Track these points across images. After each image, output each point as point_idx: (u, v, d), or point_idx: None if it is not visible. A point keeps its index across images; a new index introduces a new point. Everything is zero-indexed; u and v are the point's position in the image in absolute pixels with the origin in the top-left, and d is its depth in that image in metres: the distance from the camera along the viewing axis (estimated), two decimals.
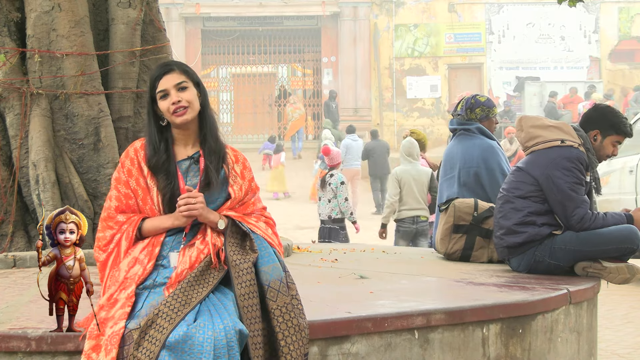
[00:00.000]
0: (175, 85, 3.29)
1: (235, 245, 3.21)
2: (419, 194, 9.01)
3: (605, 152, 5.07)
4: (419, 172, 9.04)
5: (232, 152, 3.43)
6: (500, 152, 5.93)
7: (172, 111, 3.28)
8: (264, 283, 3.13)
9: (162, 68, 3.34)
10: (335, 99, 26.79)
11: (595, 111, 5.15)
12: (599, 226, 4.83)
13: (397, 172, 9.18)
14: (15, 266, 5.04)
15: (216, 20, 29.18)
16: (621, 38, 29.48)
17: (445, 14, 29.07)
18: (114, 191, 3.32)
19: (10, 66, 5.55)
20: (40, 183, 5.32)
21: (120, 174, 3.32)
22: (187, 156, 3.35)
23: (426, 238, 9.05)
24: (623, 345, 6.45)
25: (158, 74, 3.32)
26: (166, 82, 3.30)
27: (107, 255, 3.24)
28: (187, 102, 3.28)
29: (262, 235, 3.27)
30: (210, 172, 3.29)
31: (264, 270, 3.16)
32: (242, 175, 3.38)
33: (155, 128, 3.33)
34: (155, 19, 5.93)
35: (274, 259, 3.21)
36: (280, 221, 14.39)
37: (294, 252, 6.06)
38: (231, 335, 2.91)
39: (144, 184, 3.28)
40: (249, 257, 3.17)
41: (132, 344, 2.89)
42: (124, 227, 3.25)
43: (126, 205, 3.28)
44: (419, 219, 9.07)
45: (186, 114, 3.28)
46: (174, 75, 3.31)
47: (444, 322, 3.68)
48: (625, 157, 10.08)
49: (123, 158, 3.35)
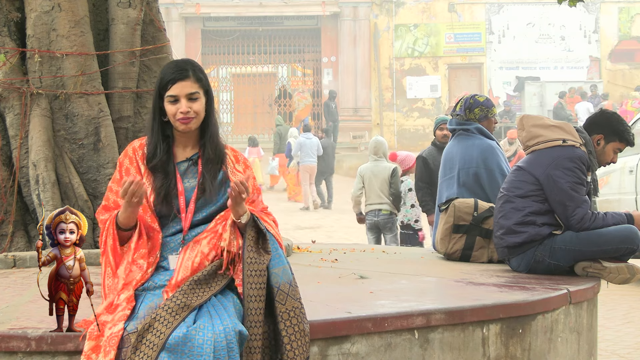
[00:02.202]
0: (188, 94, 3.25)
1: (253, 244, 3.15)
2: (380, 189, 9.60)
3: (606, 158, 5.08)
4: (380, 169, 9.68)
5: (232, 153, 3.41)
6: (500, 152, 5.92)
7: (178, 118, 3.25)
8: (273, 285, 3.09)
9: (179, 73, 3.26)
10: (335, 99, 26.79)
11: (601, 116, 5.15)
12: (599, 226, 4.83)
13: (360, 169, 9.97)
14: (15, 266, 5.04)
15: (216, 20, 29.18)
16: (621, 38, 29.49)
17: (445, 14, 29.08)
18: (107, 192, 3.32)
19: (10, 66, 5.55)
20: (40, 183, 5.32)
21: (116, 174, 3.32)
22: (186, 158, 3.33)
23: (391, 232, 9.64)
24: (623, 345, 6.45)
25: (172, 78, 3.25)
26: (179, 89, 3.24)
27: (101, 254, 3.24)
28: (195, 112, 3.25)
29: (275, 235, 3.23)
30: (206, 182, 3.26)
31: (275, 272, 3.12)
32: (243, 174, 3.35)
33: (159, 126, 3.30)
34: (155, 19, 5.93)
35: (284, 261, 3.17)
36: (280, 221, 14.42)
37: (294, 252, 6.05)
38: (231, 337, 2.91)
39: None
40: (263, 259, 3.12)
41: (129, 347, 2.89)
42: (107, 224, 3.23)
43: (114, 203, 3.27)
44: (381, 213, 9.64)
45: (191, 123, 3.26)
46: (187, 83, 3.25)
47: (444, 322, 3.68)
48: (625, 157, 10.08)
49: (122, 157, 3.34)
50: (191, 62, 3.35)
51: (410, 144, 28.30)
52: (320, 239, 12.92)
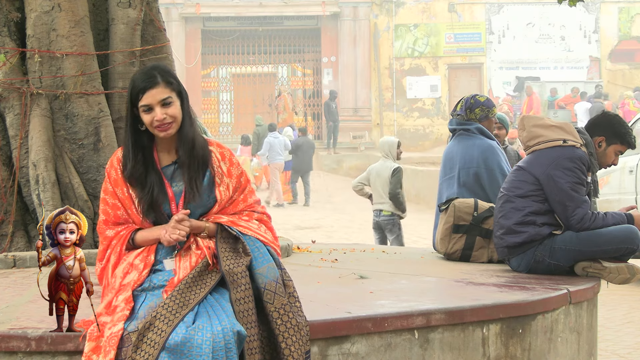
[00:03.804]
0: (160, 101, 3.19)
1: (228, 251, 3.17)
2: (381, 188, 9.50)
3: (607, 160, 5.08)
4: (383, 168, 9.56)
5: (218, 149, 3.34)
6: (500, 152, 5.92)
7: (155, 126, 3.19)
8: (259, 286, 3.10)
9: (146, 81, 3.19)
10: (335, 99, 26.79)
11: (603, 118, 5.15)
12: (599, 226, 4.83)
13: (370, 167, 9.91)
14: (15, 266, 5.04)
15: (216, 20, 29.17)
16: (621, 38, 29.49)
17: (445, 14, 29.08)
18: (102, 204, 3.29)
19: (10, 66, 5.55)
20: (40, 183, 5.32)
21: (107, 185, 3.28)
22: (172, 161, 3.29)
23: (392, 233, 9.53)
24: (623, 345, 6.45)
25: (143, 86, 3.19)
26: (150, 98, 3.18)
27: (101, 269, 3.25)
28: (171, 117, 3.20)
29: (254, 235, 3.23)
30: (188, 189, 3.22)
31: (259, 273, 3.13)
32: (228, 173, 3.31)
33: (133, 137, 3.23)
34: (155, 19, 5.93)
35: (268, 258, 3.18)
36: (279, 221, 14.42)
37: (294, 252, 6.05)
38: (229, 337, 2.91)
39: (127, 193, 3.24)
40: (242, 261, 3.14)
41: (130, 347, 2.89)
42: (113, 242, 3.24)
43: (115, 217, 3.25)
44: (381, 213, 9.54)
45: (170, 129, 3.21)
46: (158, 90, 3.19)
47: (444, 322, 3.68)
48: (625, 157, 10.08)
49: (108, 168, 3.30)
50: (159, 67, 3.29)
51: (410, 144, 28.31)
52: (320, 239, 12.91)
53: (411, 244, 11.94)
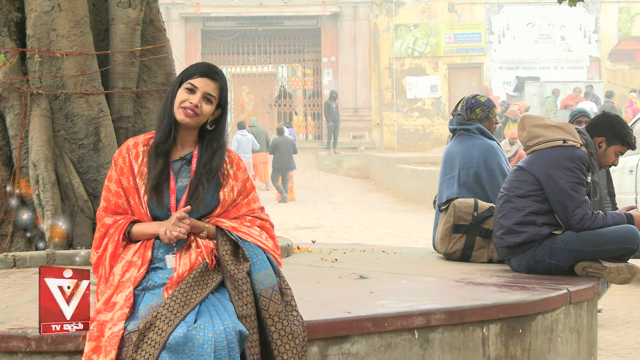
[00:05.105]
0: (206, 92, 3.27)
1: (229, 254, 3.18)
2: None
3: (607, 161, 5.08)
4: None
5: (227, 153, 3.39)
6: (500, 152, 5.93)
7: (185, 106, 3.25)
8: (256, 292, 3.11)
9: (210, 72, 3.30)
10: (336, 99, 26.78)
11: (603, 118, 5.15)
12: (599, 226, 4.83)
13: None
14: (15, 266, 5.04)
15: (216, 20, 29.18)
16: (621, 38, 29.50)
17: (445, 14, 29.08)
18: (104, 191, 3.30)
19: (10, 66, 5.54)
20: (40, 183, 5.32)
21: (112, 172, 3.29)
22: (180, 157, 3.31)
23: None
24: (623, 345, 6.45)
25: (202, 71, 3.29)
26: (202, 83, 3.27)
27: (97, 258, 3.23)
28: (201, 112, 3.26)
29: (254, 242, 3.23)
30: (199, 190, 3.23)
31: (257, 279, 3.13)
32: (234, 177, 3.33)
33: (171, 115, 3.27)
34: (155, 19, 5.93)
35: (267, 265, 3.18)
36: (279, 221, 14.42)
37: (294, 252, 6.05)
38: (232, 337, 2.91)
39: (133, 182, 3.25)
40: (242, 267, 3.15)
41: (131, 346, 2.89)
42: (111, 230, 3.23)
43: (115, 205, 3.25)
44: None
45: (192, 119, 3.26)
46: (212, 85, 3.29)
47: (444, 322, 3.68)
48: (625, 157, 10.09)
49: (116, 156, 3.31)
50: (223, 74, 3.40)
51: (410, 144, 28.34)
52: (320, 239, 12.90)
53: (411, 244, 11.94)
